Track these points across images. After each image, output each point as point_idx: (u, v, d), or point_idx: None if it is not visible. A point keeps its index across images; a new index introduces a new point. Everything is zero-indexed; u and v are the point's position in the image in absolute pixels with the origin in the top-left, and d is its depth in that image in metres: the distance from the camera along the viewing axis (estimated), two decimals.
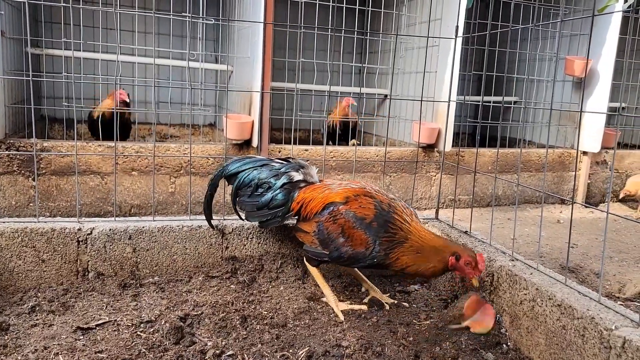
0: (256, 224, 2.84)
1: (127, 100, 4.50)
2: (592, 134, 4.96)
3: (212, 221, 2.80)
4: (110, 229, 2.65)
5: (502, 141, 5.97)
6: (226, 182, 2.78)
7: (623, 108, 6.08)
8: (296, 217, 2.58)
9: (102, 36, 4.54)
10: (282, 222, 2.60)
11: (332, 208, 2.41)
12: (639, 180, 4.78)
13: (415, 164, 4.73)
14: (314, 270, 2.54)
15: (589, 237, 4.32)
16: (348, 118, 5.15)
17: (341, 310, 2.46)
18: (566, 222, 4.72)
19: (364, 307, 2.49)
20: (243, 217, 2.74)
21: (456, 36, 2.76)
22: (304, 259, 2.59)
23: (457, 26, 2.82)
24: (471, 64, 5.80)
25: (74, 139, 4.88)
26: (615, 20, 4.62)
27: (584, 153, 5.21)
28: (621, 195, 4.86)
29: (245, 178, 2.64)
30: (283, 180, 2.59)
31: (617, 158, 5.48)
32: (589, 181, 5.35)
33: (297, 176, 2.62)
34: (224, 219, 2.90)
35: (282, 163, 2.70)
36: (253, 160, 2.71)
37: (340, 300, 2.60)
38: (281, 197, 2.56)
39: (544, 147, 5.43)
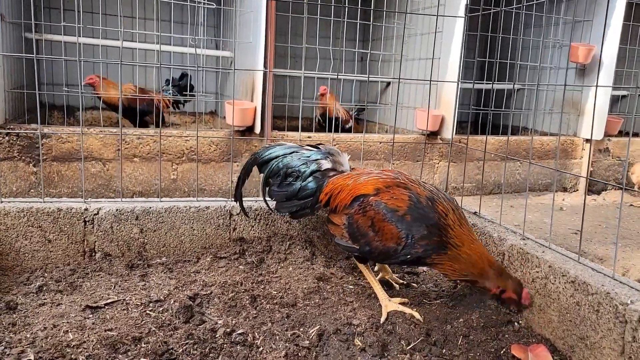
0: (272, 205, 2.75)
1: None
2: (595, 121, 4.95)
3: (243, 205, 2.75)
4: (117, 209, 2.62)
5: (504, 129, 5.96)
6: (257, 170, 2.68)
7: (624, 96, 6.08)
8: (327, 209, 2.44)
9: (101, 22, 4.49)
10: (312, 213, 2.48)
11: (361, 199, 2.25)
12: None
13: (424, 147, 4.70)
14: (362, 267, 2.40)
15: (592, 223, 4.32)
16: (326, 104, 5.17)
17: (387, 312, 2.26)
18: (569, 209, 4.72)
19: (416, 315, 2.25)
20: (273, 208, 2.65)
21: (466, 15, 2.74)
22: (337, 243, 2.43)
23: (467, 3, 2.78)
24: (473, 51, 5.78)
25: (73, 126, 4.85)
26: (620, 6, 4.61)
27: (587, 140, 5.21)
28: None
29: (275, 166, 2.54)
30: (312, 168, 2.47)
31: (620, 146, 5.48)
32: (591, 169, 5.35)
33: (326, 164, 2.49)
34: (231, 200, 2.87)
35: (311, 150, 2.58)
36: (283, 147, 2.60)
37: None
38: (310, 187, 2.44)
39: (546, 135, 5.42)
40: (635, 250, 3.68)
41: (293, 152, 2.59)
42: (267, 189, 2.61)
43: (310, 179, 2.47)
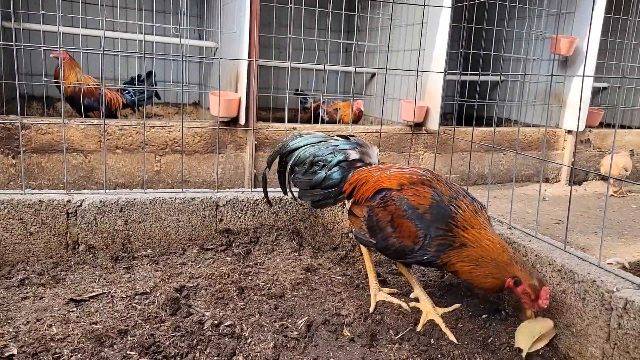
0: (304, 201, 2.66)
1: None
2: (576, 112, 5.00)
3: (268, 195, 2.72)
4: (100, 201, 2.57)
5: (488, 121, 6.00)
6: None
7: (605, 88, 6.17)
8: (350, 200, 2.39)
9: (82, 11, 4.40)
10: (335, 203, 2.44)
11: (384, 193, 2.19)
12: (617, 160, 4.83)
13: (410, 138, 4.70)
14: (364, 250, 2.39)
15: (574, 213, 4.38)
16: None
17: (376, 301, 2.28)
18: (551, 200, 4.78)
19: (404, 305, 2.26)
20: (296, 196, 2.58)
21: (452, 5, 2.74)
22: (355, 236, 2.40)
23: None
24: (458, 42, 5.79)
25: (53, 117, 4.75)
26: None
27: (569, 132, 5.27)
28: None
29: (302, 154, 2.47)
30: (338, 157, 2.41)
31: (600, 137, 5.56)
32: (573, 160, 5.41)
33: (354, 155, 2.43)
34: (217, 192, 2.84)
35: (339, 140, 2.51)
36: (312, 137, 2.53)
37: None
38: (335, 177, 2.38)
39: (529, 126, 5.47)
40: (616, 240, 3.75)
41: (321, 141, 2.51)
42: (292, 176, 2.52)
43: (335, 168, 2.40)
